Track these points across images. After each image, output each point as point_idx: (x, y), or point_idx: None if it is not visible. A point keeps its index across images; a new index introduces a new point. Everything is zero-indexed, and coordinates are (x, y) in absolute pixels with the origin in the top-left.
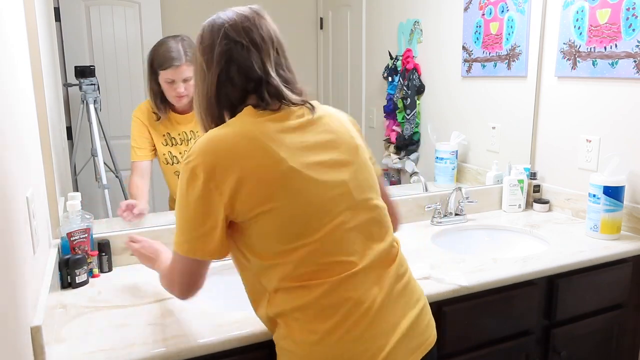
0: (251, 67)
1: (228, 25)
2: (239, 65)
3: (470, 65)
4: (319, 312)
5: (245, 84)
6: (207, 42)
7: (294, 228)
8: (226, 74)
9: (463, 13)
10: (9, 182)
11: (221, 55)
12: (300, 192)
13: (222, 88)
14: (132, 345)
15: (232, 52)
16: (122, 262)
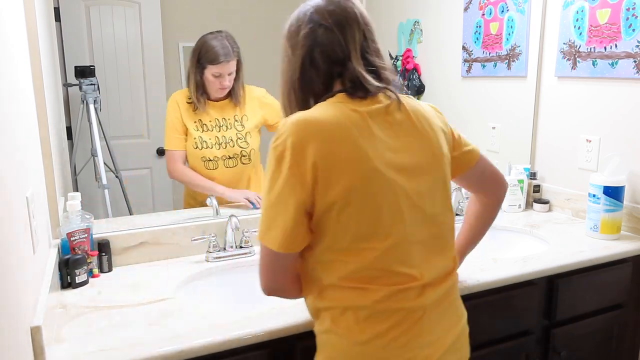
0: (334, 50)
1: (313, 9)
2: (322, 48)
3: (470, 65)
4: (371, 316)
5: (330, 67)
6: (293, 27)
7: (366, 229)
8: (310, 58)
9: (463, 13)
10: (8, 182)
11: (305, 38)
12: (379, 195)
13: (306, 72)
14: (132, 345)
15: (316, 34)
16: (122, 262)
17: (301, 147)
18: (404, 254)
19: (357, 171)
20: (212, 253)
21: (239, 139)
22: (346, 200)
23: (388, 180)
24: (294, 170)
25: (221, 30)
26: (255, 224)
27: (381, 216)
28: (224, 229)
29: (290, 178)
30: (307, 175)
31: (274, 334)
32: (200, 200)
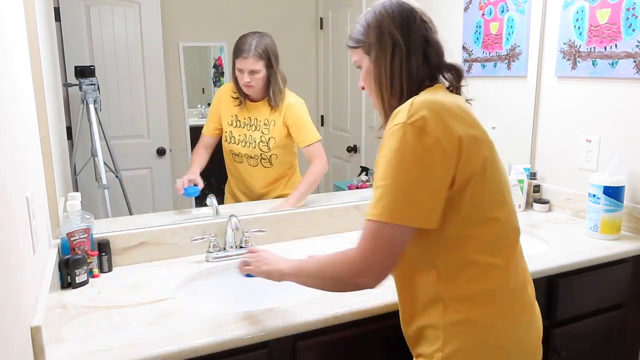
0: (441, 50)
1: (420, 11)
2: (434, 48)
3: (470, 65)
4: (506, 297)
5: (439, 63)
6: (400, 23)
7: (497, 196)
8: (424, 54)
9: (463, 13)
10: (8, 182)
11: (422, 36)
12: (497, 163)
13: (422, 67)
14: (132, 345)
15: (429, 34)
16: (122, 262)
17: (443, 121)
18: (514, 223)
19: (484, 143)
20: (212, 253)
21: (261, 142)
22: (483, 171)
23: (497, 154)
24: (440, 144)
25: (262, 32)
26: (255, 224)
27: (502, 183)
28: (224, 229)
29: (436, 151)
30: (454, 147)
31: (274, 334)
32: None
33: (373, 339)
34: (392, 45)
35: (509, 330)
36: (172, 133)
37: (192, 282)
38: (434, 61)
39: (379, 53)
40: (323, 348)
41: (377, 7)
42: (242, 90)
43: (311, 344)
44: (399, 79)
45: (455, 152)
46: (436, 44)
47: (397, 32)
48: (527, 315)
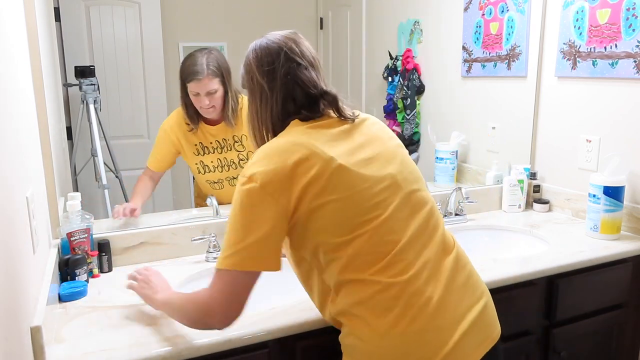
0: (313, 85)
1: (286, 49)
2: (301, 85)
3: (470, 65)
4: (378, 305)
5: (306, 100)
6: (266, 65)
7: (349, 220)
8: (291, 93)
9: (463, 13)
10: (8, 182)
11: (286, 76)
12: (351, 186)
13: (285, 106)
14: (132, 345)
15: (296, 72)
16: (122, 262)
17: (272, 174)
18: (392, 232)
19: (325, 173)
20: (212, 253)
21: (241, 160)
22: (323, 200)
23: (356, 173)
24: (264, 194)
25: (208, 48)
26: None
27: (360, 205)
28: (224, 229)
29: (260, 201)
30: (283, 195)
31: (274, 334)
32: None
33: None
34: (260, 90)
35: (386, 341)
36: None
37: (192, 282)
38: (300, 99)
39: (250, 98)
40: (323, 348)
41: (249, 51)
42: (194, 116)
43: (311, 344)
44: (265, 121)
45: (287, 200)
46: (302, 80)
47: (263, 77)
48: (420, 321)
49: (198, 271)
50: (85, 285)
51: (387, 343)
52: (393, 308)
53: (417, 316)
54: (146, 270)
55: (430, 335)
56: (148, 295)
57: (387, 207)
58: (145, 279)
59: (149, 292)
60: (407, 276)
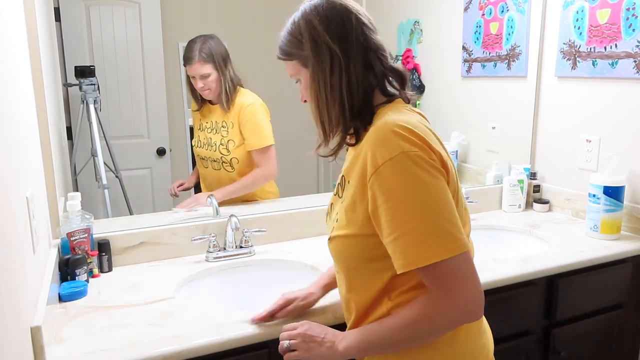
0: (384, 53)
1: (354, 10)
2: (376, 52)
3: (470, 65)
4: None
5: (383, 69)
6: (335, 28)
7: (465, 218)
8: (365, 61)
9: (463, 13)
10: (8, 182)
11: (363, 40)
12: (459, 184)
13: (366, 76)
14: (132, 345)
15: (370, 37)
16: (122, 262)
17: (430, 145)
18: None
19: (452, 168)
20: (212, 253)
21: (221, 145)
22: (458, 193)
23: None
24: (435, 170)
25: (209, 34)
26: (255, 223)
27: (462, 205)
28: (224, 228)
29: (439, 173)
30: (441, 172)
31: (274, 334)
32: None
33: None
34: (330, 57)
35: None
36: (172, 133)
37: (192, 282)
38: (378, 67)
39: (316, 67)
40: None
41: (307, 12)
42: (197, 95)
43: None
44: (339, 93)
45: (443, 172)
46: (377, 46)
47: (334, 41)
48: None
49: (198, 271)
50: (85, 285)
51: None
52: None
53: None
54: (289, 328)
55: (484, 338)
56: (323, 354)
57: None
58: (304, 337)
59: (323, 350)
60: None
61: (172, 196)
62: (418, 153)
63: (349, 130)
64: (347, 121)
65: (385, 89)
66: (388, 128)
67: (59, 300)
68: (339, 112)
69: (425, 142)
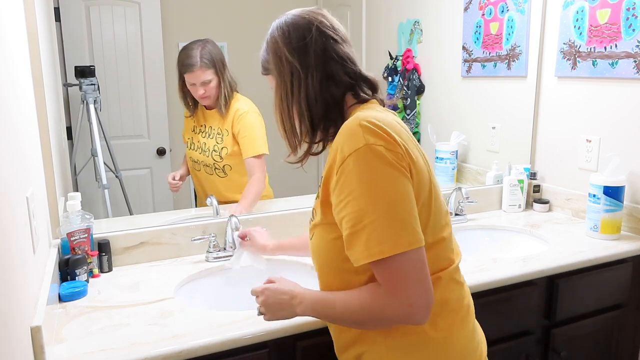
0: (350, 62)
1: (317, 23)
2: (339, 62)
3: (470, 65)
4: (449, 308)
5: (348, 79)
6: (295, 42)
7: (441, 218)
8: (330, 73)
9: (463, 13)
10: (8, 182)
11: (321, 52)
12: (438, 187)
13: (325, 87)
14: (132, 345)
15: (331, 48)
16: (122, 262)
17: (394, 142)
18: (450, 240)
19: (424, 167)
20: (212, 253)
21: (214, 151)
22: (429, 192)
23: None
24: (398, 165)
25: (204, 39)
26: (255, 224)
27: (441, 208)
28: (224, 228)
29: (400, 172)
30: (406, 168)
31: (274, 334)
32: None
33: None
34: (290, 71)
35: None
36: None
37: (192, 282)
38: (341, 78)
39: (278, 80)
40: (323, 348)
41: (272, 29)
42: (190, 104)
43: (311, 344)
44: (297, 105)
45: (408, 168)
46: (341, 56)
47: (292, 55)
48: (470, 324)
49: (198, 271)
50: (85, 285)
51: (446, 347)
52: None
53: (471, 319)
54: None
55: (477, 338)
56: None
57: (448, 218)
58: (265, 299)
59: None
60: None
61: (174, 191)
62: (382, 146)
63: (315, 139)
64: (310, 131)
65: (357, 94)
66: (356, 122)
67: (59, 300)
68: (299, 123)
69: (390, 136)
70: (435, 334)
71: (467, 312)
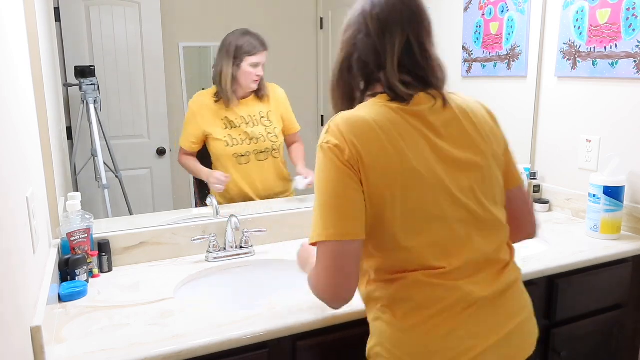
0: (369, 58)
1: (360, 10)
2: (359, 55)
3: (470, 65)
4: (413, 304)
5: (365, 73)
6: (345, 26)
7: (409, 225)
8: (348, 63)
9: (463, 13)
10: (8, 182)
11: (347, 42)
12: (418, 193)
13: (343, 75)
14: (132, 345)
15: (356, 39)
16: (122, 262)
17: (344, 143)
18: (443, 249)
19: (395, 171)
20: (212, 253)
21: (269, 134)
22: (386, 199)
23: (426, 179)
24: (342, 165)
25: (246, 28)
26: (255, 224)
27: (421, 214)
28: (224, 229)
29: (342, 171)
30: (353, 168)
31: (274, 334)
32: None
33: None
34: (338, 49)
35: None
36: (172, 133)
37: (192, 282)
38: (360, 75)
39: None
40: (323, 348)
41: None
42: (236, 90)
43: (311, 344)
44: (335, 83)
45: (357, 175)
46: (362, 57)
47: (341, 36)
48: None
49: (198, 271)
50: (85, 285)
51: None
52: (426, 309)
53: (446, 321)
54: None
55: (453, 342)
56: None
57: (447, 219)
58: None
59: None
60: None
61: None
62: (331, 146)
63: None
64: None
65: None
66: (331, 119)
67: (59, 300)
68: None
69: (344, 137)
70: (395, 321)
71: (439, 313)
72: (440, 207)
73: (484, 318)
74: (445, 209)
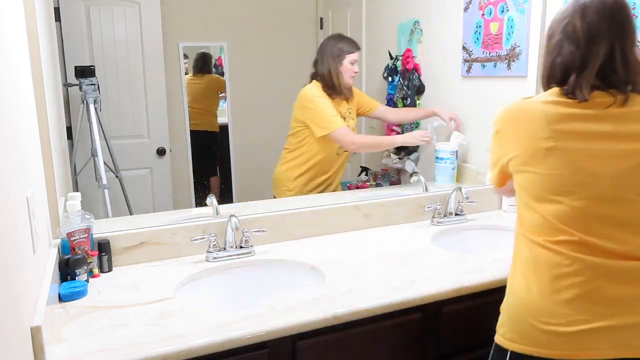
0: (571, 64)
1: (569, 18)
2: (562, 60)
3: (470, 65)
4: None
5: (565, 76)
6: (550, 31)
7: (556, 184)
8: (551, 63)
9: (463, 13)
10: (9, 182)
11: (554, 46)
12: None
13: (546, 71)
14: (132, 345)
15: (562, 45)
16: (122, 262)
17: (502, 126)
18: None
19: (535, 148)
20: (212, 253)
21: (354, 130)
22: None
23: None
24: (499, 137)
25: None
26: (255, 224)
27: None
28: (224, 228)
29: (498, 142)
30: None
31: (274, 334)
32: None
33: (373, 339)
34: (545, 45)
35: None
36: (172, 133)
37: (192, 282)
38: (559, 77)
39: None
40: (323, 348)
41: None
42: (339, 86)
43: (311, 344)
44: (543, 71)
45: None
46: (565, 63)
47: (547, 36)
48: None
49: (198, 271)
50: (85, 285)
51: (542, 304)
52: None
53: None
54: None
55: (584, 316)
56: None
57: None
58: None
59: None
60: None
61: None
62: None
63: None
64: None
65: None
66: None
67: (59, 300)
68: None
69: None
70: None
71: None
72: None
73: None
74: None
